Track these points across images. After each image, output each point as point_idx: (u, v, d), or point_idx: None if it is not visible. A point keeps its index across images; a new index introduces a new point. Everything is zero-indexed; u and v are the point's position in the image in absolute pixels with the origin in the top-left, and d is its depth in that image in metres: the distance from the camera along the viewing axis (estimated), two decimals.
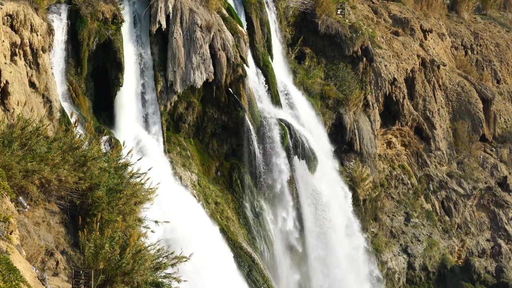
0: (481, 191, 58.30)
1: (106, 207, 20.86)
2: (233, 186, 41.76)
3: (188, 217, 35.25)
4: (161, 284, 20.15)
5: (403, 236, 53.05)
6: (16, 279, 14.03)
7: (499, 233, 58.00)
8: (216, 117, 41.57)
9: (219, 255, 36.11)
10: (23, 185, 19.73)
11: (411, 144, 56.92)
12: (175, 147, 39.90)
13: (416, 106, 56.88)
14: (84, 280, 17.99)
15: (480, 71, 66.12)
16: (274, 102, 44.87)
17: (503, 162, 60.82)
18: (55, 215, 20.99)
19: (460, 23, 69.18)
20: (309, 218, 44.26)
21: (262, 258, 40.76)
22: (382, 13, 61.16)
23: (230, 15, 43.23)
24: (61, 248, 20.12)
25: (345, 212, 47.07)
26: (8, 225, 16.27)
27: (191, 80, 39.12)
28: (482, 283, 54.19)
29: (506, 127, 63.48)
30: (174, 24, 39.03)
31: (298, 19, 51.36)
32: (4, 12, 28.15)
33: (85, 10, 35.11)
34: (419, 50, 58.50)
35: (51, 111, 30.64)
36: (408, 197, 55.18)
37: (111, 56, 36.63)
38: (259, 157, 41.84)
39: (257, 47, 45.16)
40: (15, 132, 20.59)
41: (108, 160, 23.02)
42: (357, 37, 50.84)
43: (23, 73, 28.76)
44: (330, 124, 49.10)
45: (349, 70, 50.98)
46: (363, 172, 49.75)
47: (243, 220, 41.23)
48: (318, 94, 49.22)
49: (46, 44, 31.29)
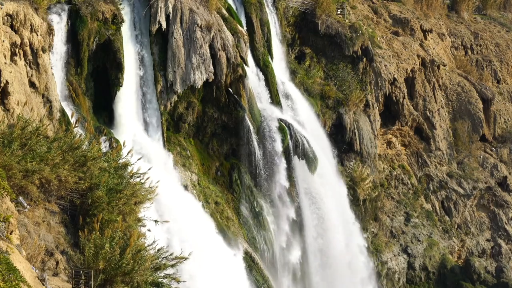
0: (481, 191, 58.30)
1: (106, 207, 20.84)
2: (233, 186, 41.75)
3: (188, 217, 35.25)
4: (161, 284, 20.13)
5: (403, 236, 53.05)
6: (16, 279, 14.02)
7: (499, 233, 57.99)
8: (216, 117, 41.56)
9: (219, 255, 36.10)
10: (23, 185, 19.72)
11: (411, 144, 56.91)
12: (175, 147, 39.89)
13: (416, 106, 56.88)
14: (84, 280, 17.98)
15: (480, 71, 66.14)
16: (274, 102, 44.87)
17: (503, 162, 60.82)
18: (55, 215, 20.99)
19: (460, 23, 69.18)
20: (309, 217, 44.24)
21: (262, 258, 40.76)
22: (382, 13, 61.17)
23: (230, 15, 43.22)
24: (61, 248, 20.11)
25: (345, 212, 47.07)
26: (8, 225, 16.26)
27: (191, 80, 39.11)
28: (482, 283, 54.18)
29: (506, 127, 63.48)
30: (174, 24, 39.02)
31: (298, 19, 51.35)
32: (4, 12, 28.14)
33: (85, 10, 35.09)
34: (419, 50, 58.50)
35: (51, 111, 30.63)
36: (408, 197, 55.17)
37: (111, 56, 36.61)
38: (259, 157, 41.83)
39: (257, 47, 45.15)
40: (15, 132, 20.57)
41: (108, 160, 23.01)
42: (357, 37, 50.84)
43: (23, 73, 28.76)
44: (330, 124, 49.10)
45: (349, 70, 50.98)
46: (363, 172, 49.74)
47: (243, 220, 41.23)
48: (318, 94, 49.22)
49: (46, 44, 31.28)
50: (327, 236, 44.99)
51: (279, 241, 42.73)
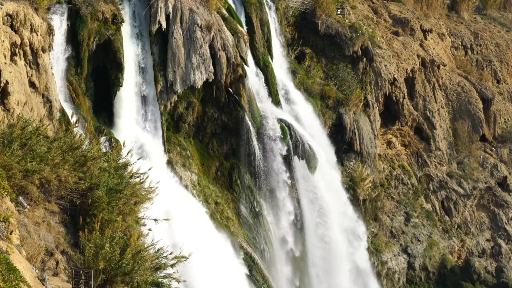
0: (481, 191, 58.30)
1: (106, 207, 20.81)
2: (233, 186, 41.77)
3: (188, 217, 35.25)
4: (161, 284, 20.11)
5: (403, 236, 53.05)
6: (16, 279, 14.02)
7: (499, 233, 58.00)
8: (216, 117, 41.57)
9: (220, 254, 36.11)
10: (23, 185, 19.70)
11: (411, 144, 56.91)
12: (175, 147, 39.90)
13: (416, 106, 56.88)
14: (84, 280, 17.96)
15: (480, 71, 66.15)
16: (274, 102, 44.88)
17: (503, 162, 60.82)
18: (55, 215, 20.97)
19: (460, 23, 69.19)
20: (309, 217, 44.25)
21: (262, 258, 40.77)
22: (382, 13, 61.17)
23: (230, 15, 43.23)
24: (61, 248, 20.10)
25: (345, 212, 47.08)
26: (8, 225, 16.25)
27: (191, 80, 39.12)
28: (482, 283, 54.17)
29: (506, 127, 63.50)
30: (174, 24, 39.03)
31: (298, 19, 51.36)
32: (4, 12, 28.14)
33: (85, 10, 35.10)
34: (419, 50, 58.50)
35: (51, 111, 30.64)
36: (408, 197, 55.17)
37: (111, 56, 36.62)
38: (259, 157, 41.84)
39: (257, 47, 45.16)
40: (15, 132, 20.55)
41: (108, 160, 22.99)
42: (357, 37, 50.84)
43: (23, 73, 28.76)
44: (330, 124, 49.11)
45: (349, 70, 50.98)
46: (363, 172, 49.74)
47: (243, 220, 41.24)
48: (318, 94, 49.22)
49: (46, 44, 31.28)
50: (327, 236, 45.00)
51: (279, 240, 42.74)
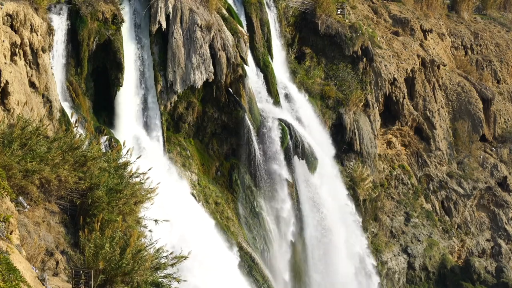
0: (481, 191, 58.30)
1: (106, 207, 20.81)
2: (233, 186, 41.77)
3: (188, 216, 35.25)
4: (161, 284, 20.11)
5: (403, 236, 53.05)
6: (16, 279, 14.02)
7: (499, 233, 58.00)
8: (216, 117, 41.57)
9: (220, 255, 36.10)
10: (23, 185, 19.70)
11: (411, 144, 56.91)
12: (175, 147, 39.90)
13: (416, 106, 56.88)
14: (84, 280, 17.96)
15: (480, 71, 66.16)
16: (274, 102, 44.89)
17: (503, 162, 60.83)
18: (55, 215, 20.97)
19: (460, 23, 69.19)
20: (309, 217, 44.25)
21: (262, 258, 40.77)
22: (382, 13, 61.17)
23: (230, 15, 43.23)
24: (61, 248, 20.10)
25: (345, 212, 47.07)
26: (8, 225, 16.25)
27: (191, 80, 39.12)
28: (482, 283, 54.18)
29: (506, 127, 63.50)
30: (174, 24, 39.03)
31: (298, 19, 51.35)
32: (4, 12, 28.14)
33: (85, 10, 35.11)
34: (419, 50, 58.50)
35: (51, 111, 30.64)
36: (408, 197, 55.18)
37: (111, 56, 36.63)
38: (259, 157, 41.83)
39: (257, 47, 45.16)
40: (15, 132, 20.55)
41: (108, 160, 22.99)
42: (357, 37, 50.83)
43: (23, 73, 28.76)
44: (330, 124, 49.11)
45: (349, 70, 50.98)
46: (363, 172, 49.74)
47: (243, 220, 41.24)
48: (318, 94, 49.23)
49: (46, 44, 31.29)
50: (327, 236, 45.01)
51: (279, 240, 42.74)
